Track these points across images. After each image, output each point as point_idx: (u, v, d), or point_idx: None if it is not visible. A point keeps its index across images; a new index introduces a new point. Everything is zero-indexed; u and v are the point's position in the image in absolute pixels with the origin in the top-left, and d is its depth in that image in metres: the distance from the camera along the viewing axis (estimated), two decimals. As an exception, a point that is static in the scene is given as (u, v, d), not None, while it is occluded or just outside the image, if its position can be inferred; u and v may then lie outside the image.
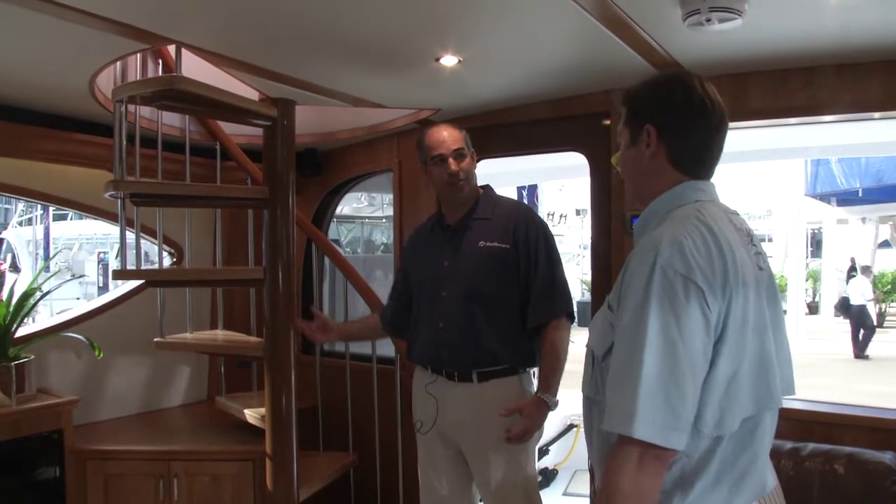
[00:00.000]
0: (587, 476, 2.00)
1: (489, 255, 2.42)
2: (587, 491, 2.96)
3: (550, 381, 2.32)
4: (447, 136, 2.47)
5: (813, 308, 16.26)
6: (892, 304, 15.33)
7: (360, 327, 2.96)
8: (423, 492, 2.59)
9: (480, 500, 2.54)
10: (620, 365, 1.28)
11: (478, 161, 2.55)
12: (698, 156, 1.46)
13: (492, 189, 2.59)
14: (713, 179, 1.51)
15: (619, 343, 1.30)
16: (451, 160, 2.45)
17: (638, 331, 1.25)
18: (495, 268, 2.41)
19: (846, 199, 13.32)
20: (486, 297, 2.40)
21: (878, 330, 13.80)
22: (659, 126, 1.44)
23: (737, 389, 1.30)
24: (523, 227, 2.43)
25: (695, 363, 1.25)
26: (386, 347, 3.14)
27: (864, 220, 14.63)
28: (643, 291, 1.27)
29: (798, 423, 2.60)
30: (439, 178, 2.47)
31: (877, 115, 2.54)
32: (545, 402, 2.30)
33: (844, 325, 14.63)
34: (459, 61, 2.46)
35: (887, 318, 14.78)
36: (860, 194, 12.34)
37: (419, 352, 2.53)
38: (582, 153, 3.12)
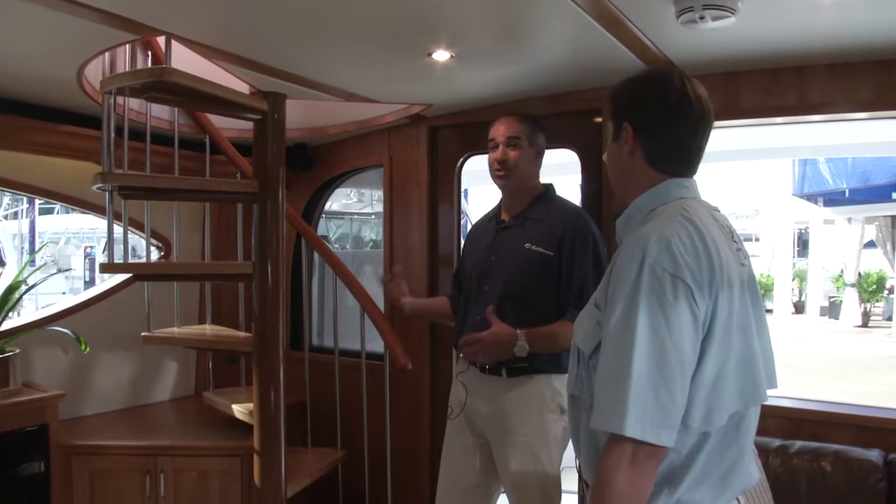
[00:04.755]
0: (575, 474, 1.99)
1: (532, 259, 2.41)
2: (575, 488, 2.96)
3: (536, 333, 2.27)
4: (504, 123, 2.51)
5: (799, 307, 16.40)
6: (876, 304, 15.46)
7: (430, 307, 2.93)
8: (443, 473, 2.59)
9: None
10: (610, 364, 1.28)
11: (467, 157, 2.55)
12: (675, 154, 1.46)
13: (553, 189, 2.57)
14: (695, 177, 1.51)
15: (608, 341, 1.30)
16: (501, 147, 2.48)
17: (627, 329, 1.26)
18: (536, 272, 2.40)
19: (833, 199, 13.42)
20: (523, 299, 2.40)
21: (862, 330, 13.94)
22: (634, 124, 1.45)
23: (723, 386, 1.31)
24: (570, 236, 2.38)
25: (683, 361, 1.25)
26: (375, 343, 3.13)
27: (850, 220, 14.73)
28: (632, 290, 1.27)
29: (786, 421, 2.62)
30: (489, 167, 2.51)
31: (867, 115, 2.55)
32: (515, 334, 2.25)
33: (830, 324, 14.77)
34: (452, 56, 2.44)
35: (872, 317, 14.90)
36: (847, 195, 12.44)
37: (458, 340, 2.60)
38: (574, 150, 3.12)
